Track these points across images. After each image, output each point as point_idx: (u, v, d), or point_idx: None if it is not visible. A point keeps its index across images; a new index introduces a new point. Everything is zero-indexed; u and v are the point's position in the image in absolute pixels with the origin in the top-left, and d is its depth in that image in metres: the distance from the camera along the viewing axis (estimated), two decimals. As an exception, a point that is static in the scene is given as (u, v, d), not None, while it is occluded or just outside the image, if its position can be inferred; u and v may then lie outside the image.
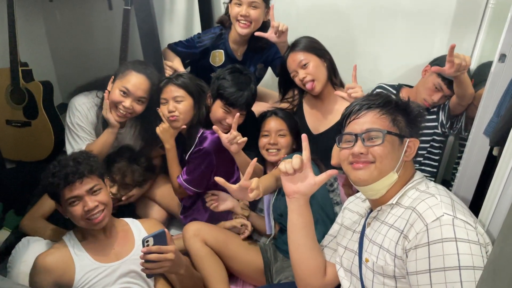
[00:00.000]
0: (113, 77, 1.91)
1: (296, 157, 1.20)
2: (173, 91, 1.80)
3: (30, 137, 2.47)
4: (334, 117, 1.98)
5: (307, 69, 1.89)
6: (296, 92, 2.08)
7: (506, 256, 0.52)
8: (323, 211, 1.68)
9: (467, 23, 2.05)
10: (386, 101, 1.18)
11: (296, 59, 1.90)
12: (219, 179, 1.32)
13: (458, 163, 2.00)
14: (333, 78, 1.97)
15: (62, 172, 1.44)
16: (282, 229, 1.78)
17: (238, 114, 1.74)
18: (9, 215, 2.09)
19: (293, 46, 1.93)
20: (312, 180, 1.21)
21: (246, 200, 1.38)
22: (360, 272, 1.18)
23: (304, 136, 1.25)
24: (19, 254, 1.70)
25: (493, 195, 1.10)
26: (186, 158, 1.87)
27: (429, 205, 1.04)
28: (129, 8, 2.35)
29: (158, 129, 1.84)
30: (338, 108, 1.96)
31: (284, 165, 1.20)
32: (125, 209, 2.02)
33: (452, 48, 1.56)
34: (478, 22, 2.01)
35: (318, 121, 2.03)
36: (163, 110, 1.82)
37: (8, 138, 2.44)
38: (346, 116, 1.22)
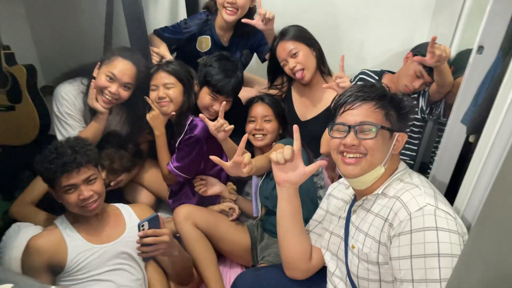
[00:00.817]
0: (99, 63, 1.91)
1: (287, 148, 1.23)
2: (163, 77, 1.82)
3: (14, 121, 2.44)
4: (322, 105, 2.03)
5: (297, 58, 1.92)
6: (285, 79, 2.12)
7: (478, 251, 0.58)
8: (308, 197, 1.75)
9: (447, 11, 2.10)
10: (382, 95, 1.19)
11: (286, 48, 1.93)
12: (214, 158, 1.36)
13: (436, 147, 2.08)
14: (322, 67, 2.01)
15: (60, 160, 1.46)
16: (268, 211, 1.84)
17: (224, 102, 1.77)
18: (-4, 200, 2.10)
19: (282, 35, 1.96)
20: (302, 170, 1.25)
21: (240, 175, 1.42)
22: (346, 257, 1.25)
23: (295, 127, 1.27)
24: (10, 240, 1.72)
25: (469, 183, 1.17)
26: (176, 145, 1.89)
27: (413, 195, 1.09)
28: (114, -9, 2.33)
29: (148, 116, 1.86)
30: (326, 97, 2.01)
31: (275, 155, 1.23)
32: (114, 194, 2.05)
33: (433, 39, 1.62)
34: (458, 11, 2.06)
35: (306, 108, 2.07)
36: (152, 97, 1.84)
37: (-8, 123, 2.42)
38: (340, 105, 1.22)
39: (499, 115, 1.05)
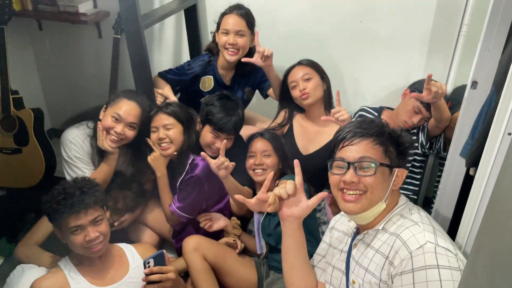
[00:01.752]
0: (105, 106, 1.97)
1: (290, 183, 1.24)
2: (163, 119, 1.86)
3: (20, 164, 2.49)
4: (323, 138, 2.06)
5: (308, 83, 2.00)
6: (287, 115, 2.17)
7: (475, 276, 0.59)
8: (310, 233, 1.75)
9: (442, 49, 2.17)
10: (380, 131, 1.20)
11: (301, 71, 2.02)
12: (239, 197, 1.31)
13: (438, 182, 2.09)
14: (327, 102, 2.07)
15: (68, 201, 1.48)
16: (271, 248, 1.84)
17: (225, 140, 1.81)
18: (1, 243, 2.10)
19: (300, 62, 2.07)
20: (305, 204, 1.25)
21: (263, 211, 1.41)
22: (347, 291, 1.24)
23: (296, 162, 1.28)
24: (14, 282, 1.71)
25: (469, 215, 1.18)
26: (178, 185, 1.91)
27: (412, 233, 1.10)
28: (119, 36, 2.44)
29: (150, 158, 1.89)
30: (328, 130, 2.03)
31: (278, 191, 1.24)
32: (118, 234, 2.05)
33: (429, 77, 1.68)
34: (452, 48, 2.13)
35: (308, 142, 2.10)
36: (153, 138, 1.88)
37: (-1, 166, 2.47)
38: (339, 141, 1.23)
39: (494, 147, 1.08)
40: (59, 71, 2.94)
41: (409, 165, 2.17)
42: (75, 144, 1.96)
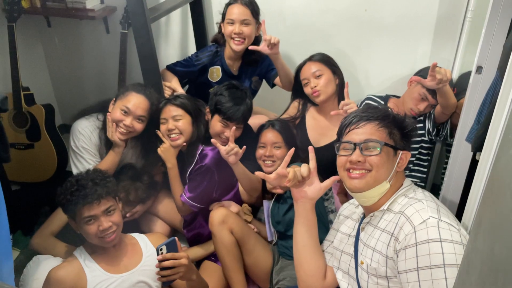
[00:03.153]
0: (114, 99, 2.00)
1: (304, 166, 1.30)
2: (171, 110, 1.90)
3: (33, 159, 2.54)
4: (335, 133, 2.07)
5: (319, 80, 2.01)
6: (300, 106, 2.19)
7: (477, 250, 0.61)
8: (319, 220, 1.77)
9: (447, 36, 2.17)
10: (385, 115, 1.26)
11: (311, 68, 2.03)
12: (259, 173, 1.36)
13: (446, 168, 2.10)
14: (340, 96, 2.05)
15: (81, 192, 1.52)
16: (281, 235, 1.87)
17: (234, 127, 1.84)
18: (17, 235, 2.15)
19: (311, 57, 2.07)
20: (318, 186, 1.31)
21: (281, 185, 1.44)
22: (356, 273, 1.27)
23: (310, 148, 1.35)
24: (30, 272, 1.76)
25: (474, 198, 1.20)
26: (187, 175, 1.95)
27: (416, 209, 1.13)
28: (126, 31, 2.47)
29: (160, 150, 1.92)
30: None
31: (293, 173, 1.29)
32: (130, 225, 2.09)
33: (434, 65, 1.69)
34: (457, 35, 2.13)
35: (319, 135, 2.13)
36: (162, 129, 1.91)
37: (12, 161, 2.50)
38: (346, 126, 1.29)
39: (497, 130, 1.09)
40: (68, 67, 2.99)
41: (416, 152, 2.19)
42: (83, 134, 2.00)
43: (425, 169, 2.23)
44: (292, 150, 1.45)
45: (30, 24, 2.77)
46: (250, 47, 2.09)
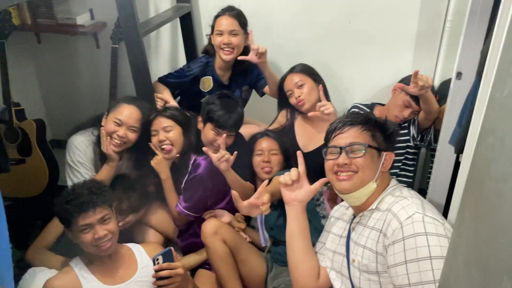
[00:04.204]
0: (106, 112, 2.04)
1: (293, 170, 1.37)
2: (162, 122, 1.94)
3: (25, 174, 2.54)
4: (323, 137, 2.14)
5: (302, 89, 2.08)
6: (289, 115, 2.26)
7: (462, 234, 0.67)
8: (311, 224, 1.82)
9: (428, 45, 2.27)
10: (367, 119, 1.34)
11: (293, 79, 2.10)
12: (234, 193, 1.44)
13: (431, 172, 2.17)
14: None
15: (77, 200, 1.54)
16: (274, 242, 1.91)
17: (225, 135, 1.89)
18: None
19: (292, 69, 2.15)
20: (308, 188, 1.38)
21: (251, 215, 1.50)
22: (349, 272, 1.32)
23: (299, 153, 1.43)
24: (26, 285, 1.76)
25: (458, 194, 1.26)
26: (182, 186, 1.98)
27: (402, 206, 1.20)
28: (117, 46, 2.51)
29: (153, 162, 1.95)
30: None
31: (283, 178, 1.36)
32: (124, 235, 2.10)
33: (416, 73, 1.78)
34: (437, 44, 2.23)
35: (308, 140, 2.19)
36: (154, 141, 1.95)
37: (4, 176, 2.51)
38: (331, 132, 1.37)
39: (477, 131, 1.16)
40: (59, 82, 3.00)
41: (402, 157, 2.26)
42: (79, 149, 2.03)
43: (411, 174, 2.30)
44: (266, 182, 1.48)
45: (20, 40, 2.79)
46: (239, 57, 2.16)
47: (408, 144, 2.23)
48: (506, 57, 0.54)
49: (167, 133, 1.93)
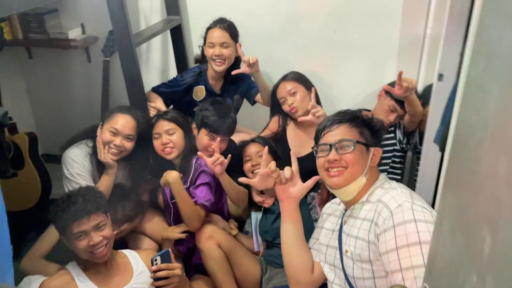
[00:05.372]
0: (101, 123, 2.07)
1: (287, 168, 1.43)
2: (164, 125, 1.99)
3: (17, 187, 2.53)
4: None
5: (295, 97, 2.15)
6: (281, 121, 2.32)
7: (447, 205, 0.72)
8: (305, 226, 1.86)
9: (410, 52, 2.36)
10: (354, 116, 1.41)
11: (286, 87, 2.18)
12: (242, 179, 1.51)
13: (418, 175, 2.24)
14: None
15: (72, 208, 1.55)
16: (268, 245, 1.94)
17: (219, 138, 1.94)
18: (4, 262, 2.14)
19: (284, 77, 2.22)
20: (301, 186, 1.44)
21: (268, 187, 1.50)
22: (342, 263, 1.36)
23: (292, 152, 1.50)
24: (22, 293, 1.77)
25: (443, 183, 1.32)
26: (189, 186, 1.98)
27: (392, 196, 1.26)
28: (108, 59, 2.56)
29: (169, 177, 1.89)
30: None
31: (274, 165, 1.42)
32: (118, 244, 2.11)
33: (400, 74, 1.85)
34: (419, 50, 2.32)
35: (300, 146, 2.24)
36: (156, 144, 1.99)
37: (-4, 189, 2.51)
38: (321, 130, 1.43)
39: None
40: (50, 97, 3.03)
41: (390, 161, 2.32)
42: (76, 162, 2.05)
43: (399, 177, 2.36)
44: (266, 149, 1.55)
45: (11, 56, 2.82)
46: (234, 72, 2.25)
47: (395, 147, 2.30)
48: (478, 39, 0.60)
49: (170, 136, 1.98)
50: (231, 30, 2.27)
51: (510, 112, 0.49)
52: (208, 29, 2.28)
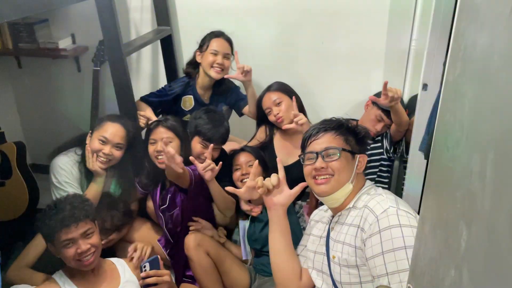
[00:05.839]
0: (90, 132, 2.08)
1: (273, 176, 1.45)
2: (162, 132, 1.99)
3: (4, 197, 2.51)
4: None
5: (280, 107, 2.18)
6: (268, 131, 2.35)
7: (428, 207, 0.75)
8: (293, 233, 1.88)
9: (396, 63, 2.42)
10: (339, 124, 1.43)
11: (271, 98, 2.20)
12: (229, 188, 1.53)
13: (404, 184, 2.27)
14: None
15: (59, 215, 1.54)
16: (257, 253, 1.95)
17: (212, 145, 1.95)
18: (-10, 271, 2.12)
19: (269, 87, 2.25)
20: (288, 193, 1.45)
21: (252, 198, 1.57)
22: (329, 269, 1.38)
23: (278, 159, 1.52)
24: (8, 303, 1.75)
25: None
26: (189, 191, 1.98)
27: (377, 201, 1.28)
28: (98, 68, 2.57)
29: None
30: None
31: (261, 180, 1.43)
32: (106, 253, 2.10)
33: (385, 84, 1.89)
34: (405, 62, 2.38)
35: (286, 154, 2.27)
36: (150, 150, 1.99)
37: (-18, 199, 2.49)
38: (307, 138, 1.45)
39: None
40: (38, 106, 3.02)
41: (377, 170, 2.35)
42: (65, 169, 2.04)
43: (386, 186, 2.39)
44: (257, 162, 1.58)
45: (0, 64, 2.82)
46: (226, 76, 2.28)
47: (382, 156, 2.33)
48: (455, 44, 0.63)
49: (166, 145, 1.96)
50: (231, 43, 2.33)
51: (482, 112, 0.52)
52: (213, 37, 2.30)
